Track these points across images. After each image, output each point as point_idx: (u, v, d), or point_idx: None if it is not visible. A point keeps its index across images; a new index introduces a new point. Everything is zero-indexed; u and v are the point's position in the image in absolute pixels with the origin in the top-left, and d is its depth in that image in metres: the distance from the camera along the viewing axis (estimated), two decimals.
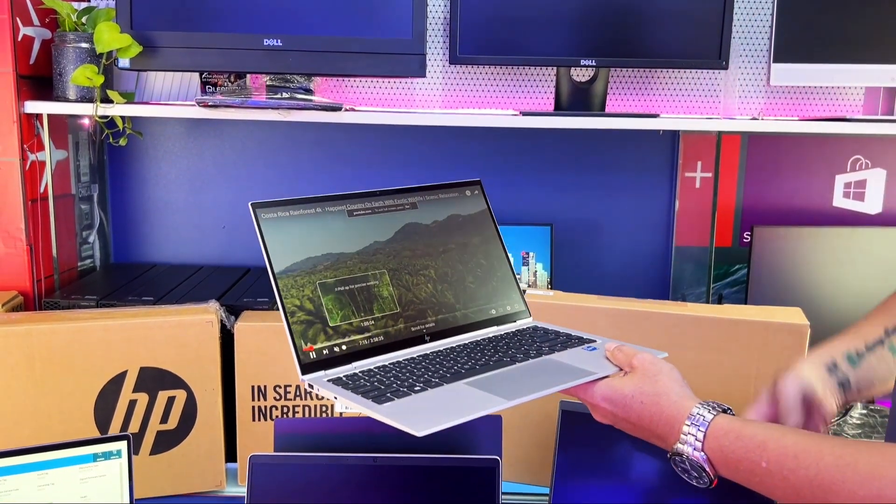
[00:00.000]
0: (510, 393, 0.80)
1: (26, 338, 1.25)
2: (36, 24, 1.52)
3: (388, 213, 1.01)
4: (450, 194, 1.06)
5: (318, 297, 0.90)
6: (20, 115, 1.47)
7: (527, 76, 1.77)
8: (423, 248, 1.01)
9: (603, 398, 0.84)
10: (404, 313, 0.95)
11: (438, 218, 1.04)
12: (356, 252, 0.96)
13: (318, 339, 0.88)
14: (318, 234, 0.94)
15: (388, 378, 0.85)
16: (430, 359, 0.91)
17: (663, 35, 1.59)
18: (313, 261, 0.92)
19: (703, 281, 1.85)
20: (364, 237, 0.97)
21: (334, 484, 1.08)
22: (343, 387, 0.83)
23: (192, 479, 1.36)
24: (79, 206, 1.71)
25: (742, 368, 1.31)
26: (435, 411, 0.77)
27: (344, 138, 1.81)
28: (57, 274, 1.60)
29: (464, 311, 1.00)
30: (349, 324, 0.91)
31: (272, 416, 1.36)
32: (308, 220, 0.94)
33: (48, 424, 1.26)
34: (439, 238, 1.03)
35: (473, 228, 1.05)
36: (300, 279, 0.90)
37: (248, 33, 1.49)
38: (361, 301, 0.93)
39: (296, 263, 0.91)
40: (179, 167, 1.83)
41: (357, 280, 0.94)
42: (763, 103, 1.77)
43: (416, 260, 1.00)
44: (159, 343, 1.30)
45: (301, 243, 0.92)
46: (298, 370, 0.86)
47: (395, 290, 0.96)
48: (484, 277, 1.04)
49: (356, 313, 0.92)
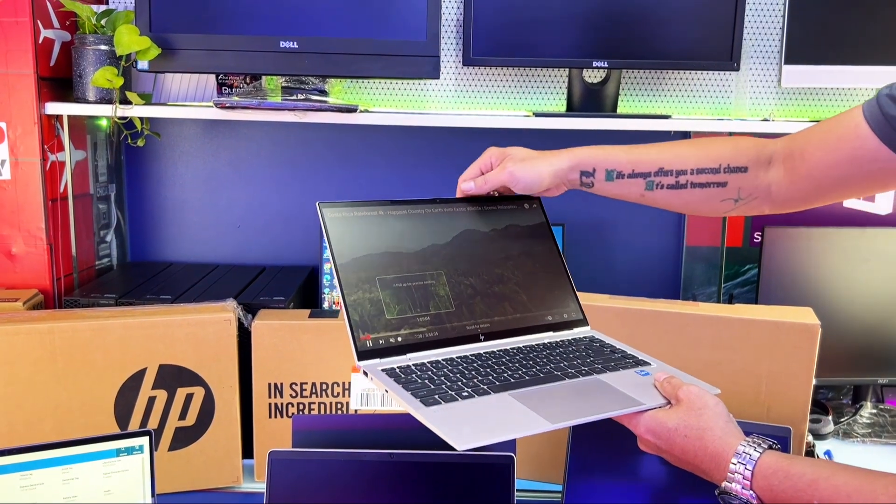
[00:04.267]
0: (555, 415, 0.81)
1: (49, 335, 1.27)
2: (56, 26, 1.54)
3: (447, 219, 1.03)
4: (508, 206, 1.07)
5: (376, 290, 0.93)
6: (41, 116, 1.49)
7: (539, 77, 1.78)
8: (480, 252, 1.03)
9: (647, 430, 0.84)
10: (459, 312, 0.97)
11: (497, 227, 1.05)
12: (415, 252, 0.98)
13: (375, 330, 0.91)
14: (379, 233, 0.98)
15: (439, 377, 0.87)
16: (483, 359, 0.92)
17: (675, 37, 1.60)
18: (374, 258, 0.96)
19: (713, 281, 1.86)
20: (423, 239, 1.00)
21: (351, 479, 1.10)
22: (395, 379, 0.85)
23: (209, 475, 1.38)
24: (97, 206, 1.74)
25: (753, 368, 1.32)
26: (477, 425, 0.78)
27: (358, 139, 1.83)
28: (76, 272, 1.63)
29: (519, 314, 1.01)
30: (405, 318, 0.93)
31: (288, 412, 1.38)
32: (370, 220, 0.98)
33: (69, 419, 1.29)
34: (497, 244, 1.04)
35: (530, 237, 1.06)
36: (361, 273, 0.93)
37: (264, 35, 1.51)
38: (418, 297, 0.95)
39: (357, 259, 0.94)
40: (195, 167, 1.85)
41: (414, 278, 0.97)
42: (774, 105, 1.78)
43: (472, 263, 1.01)
44: (178, 341, 1.32)
45: (363, 241, 0.96)
46: (355, 356, 0.88)
47: (452, 290, 0.98)
48: (540, 284, 1.04)
49: (412, 308, 0.94)
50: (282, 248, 1.87)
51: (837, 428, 1.64)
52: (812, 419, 1.61)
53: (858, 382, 1.70)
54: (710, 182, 1.00)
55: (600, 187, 1.02)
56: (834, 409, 1.68)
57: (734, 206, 1.01)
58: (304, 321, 1.37)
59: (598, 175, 1.01)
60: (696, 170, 1.00)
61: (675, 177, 1.00)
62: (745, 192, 1.00)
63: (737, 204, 1.01)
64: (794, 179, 0.97)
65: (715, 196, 1.00)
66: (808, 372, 1.31)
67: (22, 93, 1.47)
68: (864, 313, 1.64)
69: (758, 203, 1.01)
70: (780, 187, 0.98)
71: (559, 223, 1.72)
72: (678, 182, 1.00)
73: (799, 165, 0.95)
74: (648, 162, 1.01)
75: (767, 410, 1.32)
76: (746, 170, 0.99)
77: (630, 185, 1.01)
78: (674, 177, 1.00)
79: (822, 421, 1.63)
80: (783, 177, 0.98)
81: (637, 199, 1.03)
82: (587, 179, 1.02)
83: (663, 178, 1.01)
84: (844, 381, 1.72)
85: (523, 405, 0.83)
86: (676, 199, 1.02)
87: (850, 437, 1.62)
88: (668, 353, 1.34)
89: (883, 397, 1.74)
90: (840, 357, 1.64)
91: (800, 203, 0.99)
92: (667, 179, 1.01)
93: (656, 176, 1.01)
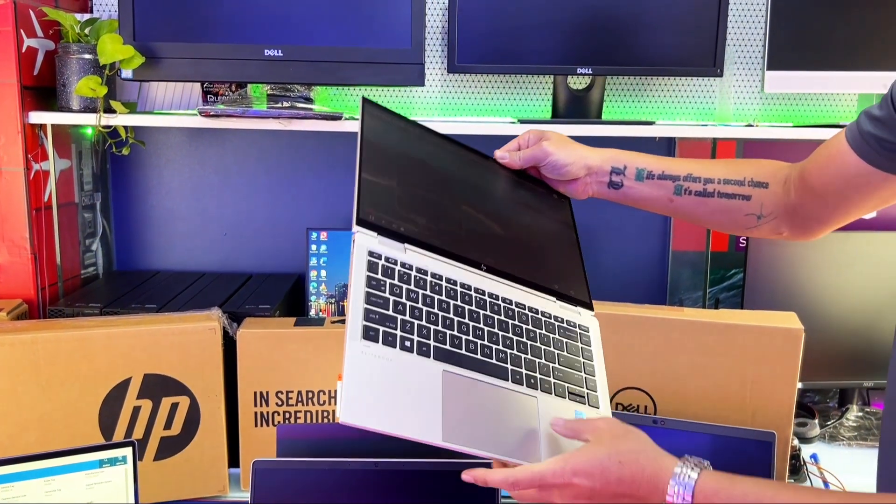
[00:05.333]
0: (455, 430, 0.76)
1: (32, 345, 1.27)
2: (40, 35, 1.54)
3: (479, 163, 1.04)
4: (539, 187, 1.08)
5: (393, 183, 0.91)
6: (24, 125, 1.49)
7: (524, 84, 1.79)
8: (504, 201, 1.02)
9: (576, 473, 0.75)
10: (468, 238, 0.94)
11: (524, 193, 1.06)
12: (440, 171, 0.98)
13: (381, 211, 0.87)
14: (411, 144, 0.98)
15: (407, 296, 0.82)
16: (466, 299, 0.87)
17: (659, 43, 1.61)
18: (400, 158, 0.95)
19: (699, 285, 1.87)
20: (451, 167, 1.01)
21: (336, 488, 1.09)
22: (370, 270, 0.82)
23: (195, 485, 1.37)
24: (82, 215, 1.73)
25: (738, 372, 1.33)
26: (379, 400, 0.74)
27: (344, 146, 1.83)
28: (61, 282, 1.62)
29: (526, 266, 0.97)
30: (414, 217, 0.90)
31: (274, 421, 1.37)
32: (406, 132, 0.99)
33: (53, 430, 1.28)
34: (521, 203, 1.04)
35: (553, 216, 1.06)
36: (383, 163, 0.92)
37: (248, 44, 1.51)
38: (431, 208, 0.93)
39: (383, 150, 0.94)
40: (181, 175, 1.85)
41: (433, 191, 0.96)
42: (758, 110, 1.79)
43: (493, 206, 1.00)
44: (163, 350, 1.32)
45: (393, 142, 0.96)
46: (354, 220, 0.85)
47: (465, 216, 0.95)
48: (554, 254, 1.02)
49: (423, 214, 0.92)
50: (268, 256, 1.86)
51: (824, 431, 1.64)
52: (798, 422, 1.61)
53: (844, 386, 1.71)
54: (736, 194, 1.01)
55: (630, 185, 1.04)
56: (820, 413, 1.68)
57: (757, 224, 1.02)
58: (289, 329, 1.37)
59: (628, 172, 1.03)
60: (722, 180, 1.02)
61: (703, 184, 1.02)
62: (767, 210, 1.01)
63: (759, 221, 1.02)
64: (804, 200, 0.99)
65: (740, 209, 1.02)
66: (792, 376, 1.32)
67: (5, 102, 1.47)
68: (849, 317, 1.65)
69: (777, 223, 1.02)
70: (795, 207, 1.01)
71: None
72: (706, 189, 1.02)
73: (806, 186, 0.98)
74: (677, 167, 1.03)
75: (752, 415, 1.33)
76: (768, 186, 1.01)
77: (659, 186, 1.03)
78: (702, 184, 1.02)
79: (809, 424, 1.64)
80: (795, 197, 1.00)
81: (665, 206, 1.05)
82: (617, 177, 1.03)
83: (692, 184, 1.02)
84: (830, 385, 1.72)
85: (441, 397, 0.78)
86: (703, 209, 1.03)
87: (837, 440, 1.63)
88: (654, 359, 1.35)
89: (869, 400, 1.75)
90: (826, 360, 1.65)
91: (815, 224, 1.01)
92: (695, 185, 1.02)
93: (685, 181, 1.02)
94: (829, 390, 1.80)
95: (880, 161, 0.89)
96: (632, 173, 1.03)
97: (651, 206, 1.06)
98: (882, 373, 1.65)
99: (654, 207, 1.06)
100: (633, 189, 1.04)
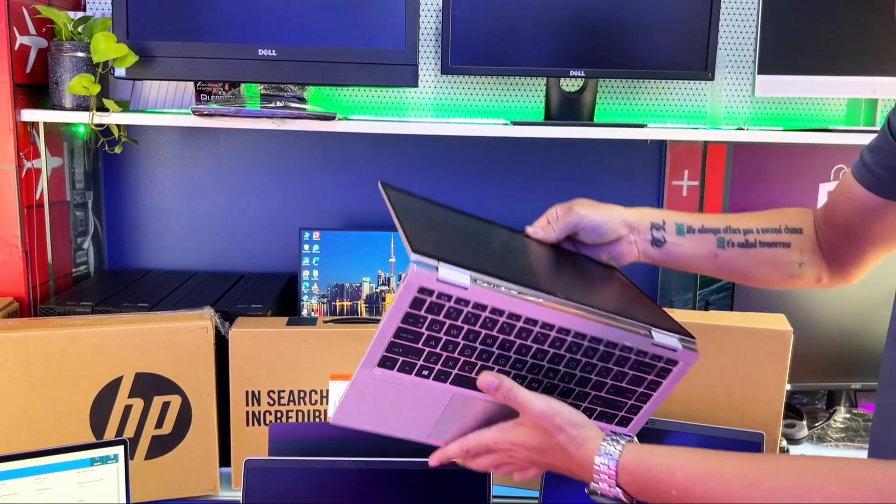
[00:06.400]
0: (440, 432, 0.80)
1: (23, 343, 1.26)
2: (32, 33, 1.54)
3: (516, 236, 0.99)
4: (580, 258, 1.01)
5: (438, 234, 0.87)
6: (16, 123, 1.48)
7: (517, 86, 1.80)
8: (549, 261, 0.95)
9: (514, 443, 0.83)
10: (539, 274, 0.88)
11: (566, 258, 0.99)
12: (482, 233, 0.94)
13: (437, 247, 0.77)
14: (446, 215, 0.94)
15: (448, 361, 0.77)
16: (523, 349, 0.79)
17: (650, 46, 1.62)
18: (437, 221, 0.91)
19: (690, 287, 1.88)
20: (490, 234, 0.96)
21: (328, 487, 1.10)
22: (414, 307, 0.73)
23: (186, 484, 1.37)
24: (74, 213, 1.73)
25: (727, 373, 1.34)
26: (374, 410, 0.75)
27: (337, 147, 1.84)
28: (52, 280, 1.61)
29: (610, 300, 0.87)
30: (474, 254, 0.82)
31: (266, 420, 1.37)
32: (436, 207, 0.95)
33: (45, 429, 1.28)
34: (566, 263, 0.97)
35: (604, 273, 1.00)
36: (424, 223, 0.87)
37: (242, 43, 1.51)
38: (489, 252, 0.88)
39: (419, 215, 0.88)
40: (174, 174, 1.84)
41: (483, 245, 0.90)
42: (749, 114, 1.80)
43: (544, 263, 0.94)
44: (155, 349, 1.32)
45: (428, 212, 0.92)
46: (410, 250, 0.73)
47: (526, 262, 0.89)
48: (629, 296, 0.94)
49: (483, 253, 0.85)
50: (260, 255, 1.86)
51: (812, 432, 1.66)
52: (787, 424, 1.63)
53: (832, 387, 1.72)
54: (777, 242, 1.00)
55: (672, 242, 0.99)
56: (808, 414, 1.70)
57: (798, 271, 1.01)
58: (281, 329, 1.37)
59: (668, 227, 0.99)
60: (761, 229, 1.00)
61: (744, 235, 1.00)
62: (807, 255, 1.00)
63: (801, 268, 1.01)
64: (832, 241, 1.00)
65: (782, 257, 1.00)
66: (781, 378, 1.33)
67: None
68: (838, 319, 1.66)
69: (817, 270, 1.01)
70: (826, 251, 1.01)
71: None
72: (747, 240, 1.00)
73: (829, 227, 0.99)
74: (714, 220, 1.01)
75: (741, 416, 1.34)
76: (802, 231, 1.01)
77: (701, 240, 1.00)
78: (742, 234, 1.00)
79: (797, 426, 1.65)
80: (824, 240, 1.01)
81: (710, 262, 1.01)
82: (658, 233, 0.99)
83: (733, 236, 1.00)
84: (819, 387, 1.74)
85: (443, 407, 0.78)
86: (748, 260, 1.00)
87: (825, 441, 1.64)
88: None
89: (857, 402, 1.76)
90: (814, 362, 1.66)
91: (849, 267, 1.00)
92: (736, 237, 1.00)
93: (725, 233, 1.00)
94: (817, 392, 1.81)
95: (884, 189, 0.90)
96: (672, 228, 1.00)
97: (696, 263, 1.01)
98: (870, 375, 1.67)
99: (699, 265, 1.02)
100: (676, 246, 1.00)
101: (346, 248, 1.72)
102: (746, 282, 1.04)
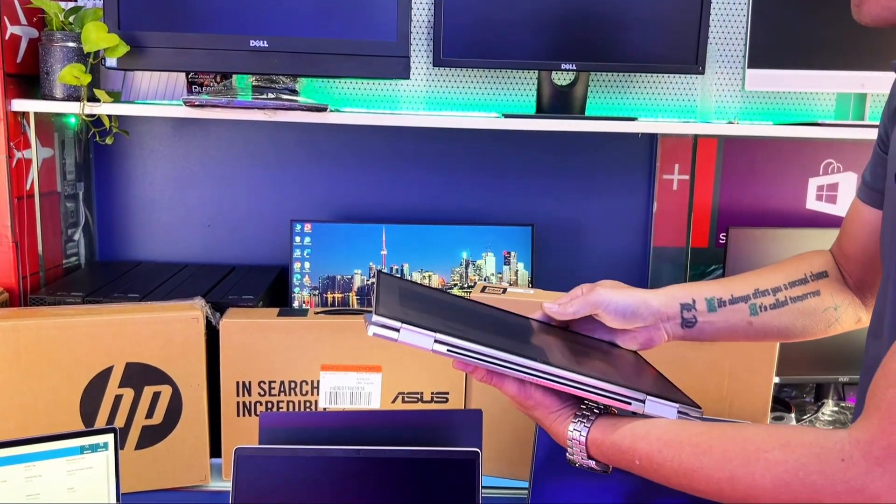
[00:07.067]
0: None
1: (13, 333, 1.26)
2: (23, 23, 1.53)
3: (525, 322, 0.96)
4: (601, 343, 0.98)
5: (422, 304, 0.87)
6: (7, 112, 1.48)
7: (509, 79, 1.80)
8: (559, 343, 0.92)
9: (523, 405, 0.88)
10: (529, 345, 0.87)
11: (581, 340, 0.96)
12: (487, 321, 0.93)
13: (406, 313, 0.78)
14: (444, 299, 0.95)
15: None
16: None
17: (642, 40, 1.63)
18: (432, 302, 0.91)
19: (679, 280, 1.89)
20: (498, 321, 0.94)
21: (318, 476, 1.10)
22: None
23: (176, 474, 1.37)
24: (64, 204, 1.72)
25: (716, 365, 1.35)
26: None
27: (328, 139, 1.84)
28: (42, 271, 1.61)
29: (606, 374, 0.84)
30: (452, 322, 0.82)
31: (256, 411, 1.38)
32: (435, 292, 0.97)
33: (34, 419, 1.28)
34: (580, 344, 0.94)
35: (622, 353, 0.97)
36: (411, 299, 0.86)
37: (234, 34, 1.50)
38: (475, 321, 0.89)
39: (401, 292, 0.88)
40: (165, 166, 1.84)
41: (473, 318, 0.91)
42: (739, 107, 1.81)
43: (549, 344, 0.90)
44: (145, 339, 1.32)
45: (424, 294, 0.93)
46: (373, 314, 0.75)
47: (523, 331, 0.90)
48: (640, 371, 0.93)
49: (463, 322, 0.86)
50: (251, 247, 1.86)
51: (800, 425, 1.67)
52: (775, 416, 1.64)
53: (820, 381, 1.73)
54: (806, 293, 0.98)
55: (704, 320, 0.96)
56: (797, 407, 1.71)
57: (836, 316, 0.99)
58: (272, 319, 1.37)
59: (699, 306, 0.96)
60: (787, 284, 0.98)
61: (773, 295, 0.97)
62: (839, 298, 0.99)
63: (837, 312, 0.99)
64: (856, 274, 0.99)
65: (816, 307, 0.98)
66: (768, 370, 1.34)
67: None
68: None
69: (853, 310, 0.99)
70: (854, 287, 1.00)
71: (529, 224, 1.74)
72: (778, 300, 0.97)
73: (849, 259, 0.99)
74: (741, 286, 0.98)
75: (729, 406, 1.35)
76: (828, 274, 0.99)
77: (734, 312, 0.97)
78: (772, 295, 0.97)
79: (785, 418, 1.66)
80: (849, 276, 1.00)
81: (745, 332, 0.98)
82: (689, 314, 0.96)
83: (763, 299, 0.97)
84: (807, 380, 1.75)
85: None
86: (783, 319, 0.98)
87: None
88: None
89: (844, 395, 1.78)
90: (802, 356, 1.67)
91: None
92: (766, 300, 0.97)
93: (755, 297, 0.97)
94: (805, 385, 1.82)
95: None
96: (703, 307, 0.96)
97: (730, 336, 0.98)
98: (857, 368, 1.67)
99: (734, 336, 0.98)
100: (709, 324, 0.96)
101: (337, 241, 1.72)
102: (787, 339, 1.01)
